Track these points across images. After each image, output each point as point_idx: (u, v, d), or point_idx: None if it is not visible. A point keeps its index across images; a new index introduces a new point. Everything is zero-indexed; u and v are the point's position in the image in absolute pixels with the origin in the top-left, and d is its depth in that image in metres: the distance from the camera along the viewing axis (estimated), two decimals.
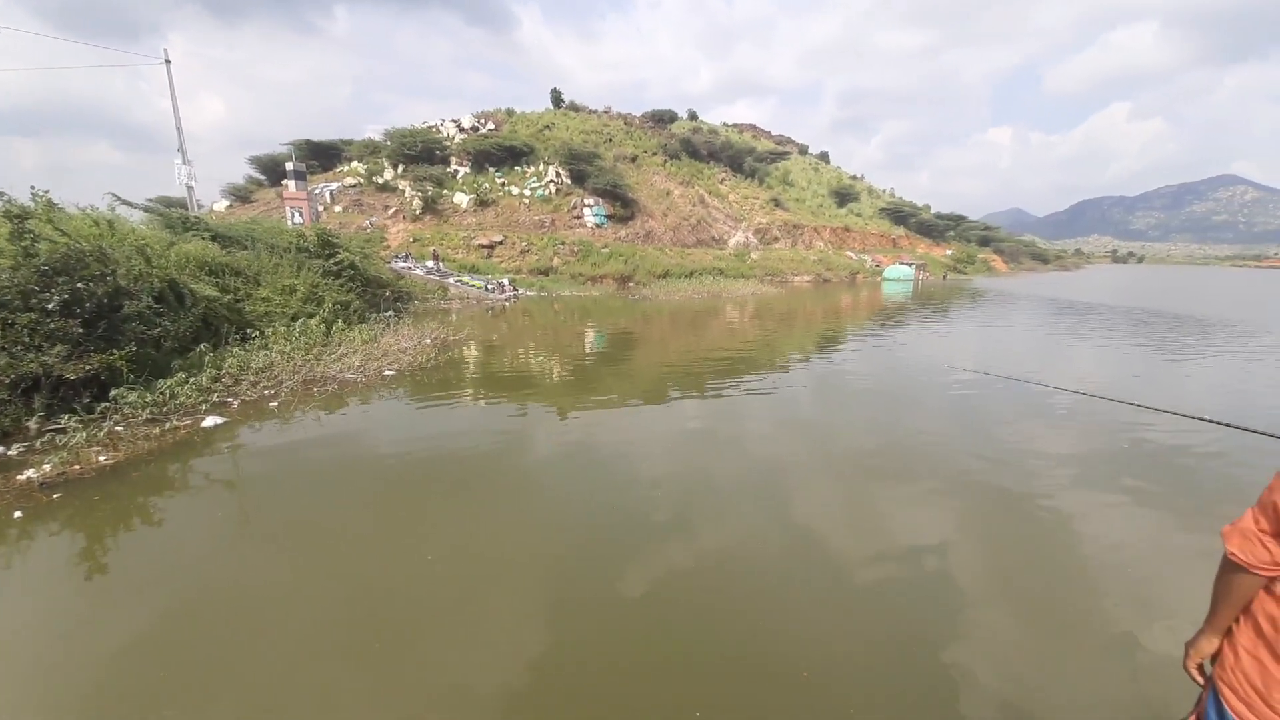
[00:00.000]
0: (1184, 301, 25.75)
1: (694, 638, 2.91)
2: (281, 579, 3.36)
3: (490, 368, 9.22)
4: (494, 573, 3.45)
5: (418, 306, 16.00)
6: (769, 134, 67.68)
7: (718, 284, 25.94)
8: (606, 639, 2.90)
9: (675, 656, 2.77)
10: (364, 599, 3.17)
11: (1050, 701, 2.52)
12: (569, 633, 2.92)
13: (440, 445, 5.55)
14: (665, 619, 3.04)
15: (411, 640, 2.84)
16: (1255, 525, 1.05)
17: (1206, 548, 3.78)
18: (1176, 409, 4.97)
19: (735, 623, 3.03)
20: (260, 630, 2.92)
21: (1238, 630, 1.13)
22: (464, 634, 2.91)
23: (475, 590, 3.27)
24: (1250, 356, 11.28)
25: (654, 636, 2.92)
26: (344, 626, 2.95)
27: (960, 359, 10.74)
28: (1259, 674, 1.06)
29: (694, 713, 2.44)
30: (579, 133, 37.29)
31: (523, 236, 25.42)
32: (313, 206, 22.33)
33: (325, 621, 2.99)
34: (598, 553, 3.68)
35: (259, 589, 3.26)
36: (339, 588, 3.28)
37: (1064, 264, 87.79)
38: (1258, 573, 1.05)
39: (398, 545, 3.74)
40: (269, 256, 11.28)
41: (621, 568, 3.50)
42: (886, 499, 4.55)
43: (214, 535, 3.86)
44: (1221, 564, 1.12)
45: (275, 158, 30.56)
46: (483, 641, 2.86)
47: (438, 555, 3.60)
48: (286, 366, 7.65)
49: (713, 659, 2.76)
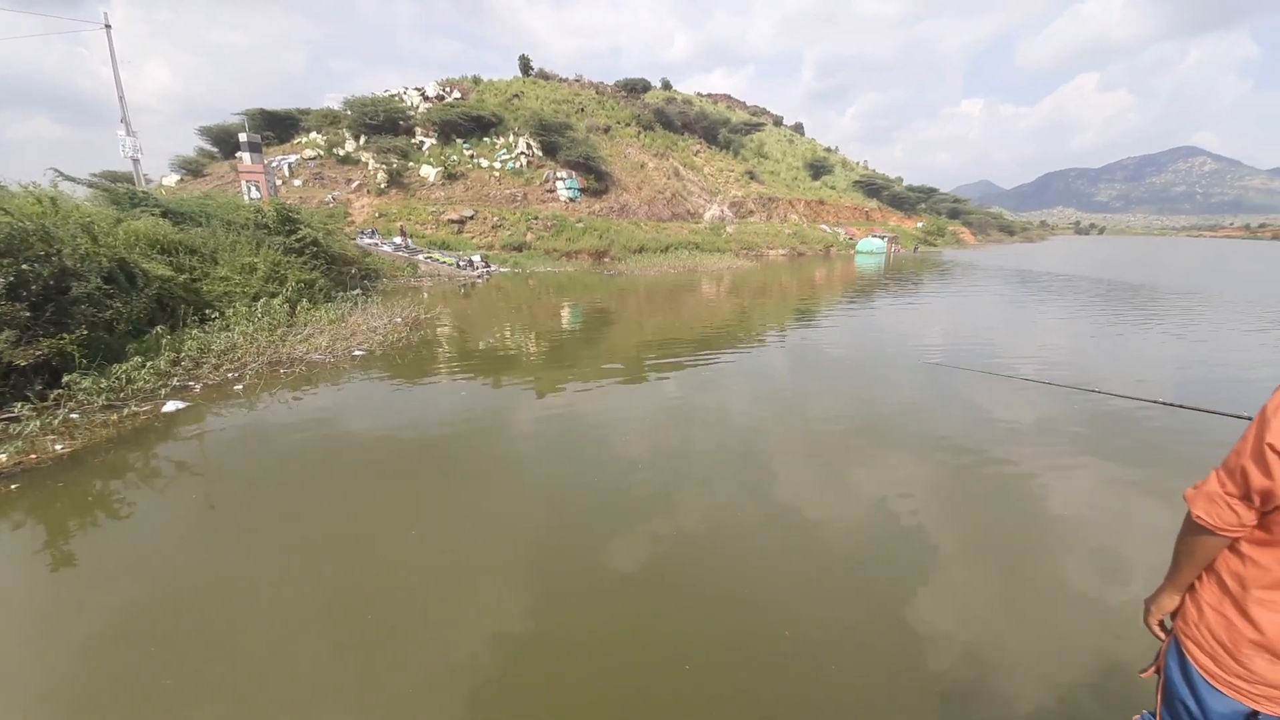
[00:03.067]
0: (1130, 271, 26.81)
1: (679, 604, 2.99)
2: (257, 567, 3.30)
3: (465, 346, 9.07)
4: (478, 552, 3.46)
5: (386, 284, 15.56)
6: (744, 104, 66.89)
7: (693, 258, 25.85)
8: (593, 609, 2.95)
9: (662, 622, 2.85)
10: (345, 584, 3.14)
11: (1015, 655, 2.66)
12: (556, 605, 2.96)
13: (416, 426, 5.46)
14: (650, 588, 3.10)
15: (397, 623, 2.84)
16: (1221, 489, 1.06)
17: (1163, 508, 4.01)
18: (1125, 391, 5.11)
19: (719, 589, 3.12)
20: (237, 620, 2.87)
21: (1201, 587, 1.15)
22: (450, 614, 2.91)
23: (460, 571, 3.27)
24: (1183, 330, 11.82)
25: (640, 605, 2.98)
26: (325, 613, 2.92)
27: (929, 338, 10.97)
28: (1225, 629, 1.09)
29: (683, 665, 2.58)
30: (549, 102, 36.20)
31: (494, 211, 24.79)
32: (270, 180, 21.30)
33: (305, 608, 2.96)
34: (582, 529, 3.71)
35: (234, 578, 3.20)
36: (318, 574, 3.24)
37: (1029, 236, 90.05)
38: (1223, 534, 1.07)
39: (377, 530, 3.70)
40: (226, 233, 10.76)
41: (606, 541, 3.54)
42: (861, 467, 4.68)
43: (183, 524, 3.76)
44: (1185, 525, 1.14)
45: (227, 128, 28.87)
46: (470, 620, 2.87)
47: (419, 538, 3.58)
48: (250, 348, 7.39)
49: (698, 624, 2.86)
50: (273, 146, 28.09)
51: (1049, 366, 7.99)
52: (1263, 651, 1.04)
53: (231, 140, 25.95)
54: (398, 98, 32.60)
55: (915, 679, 2.52)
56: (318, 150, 27.05)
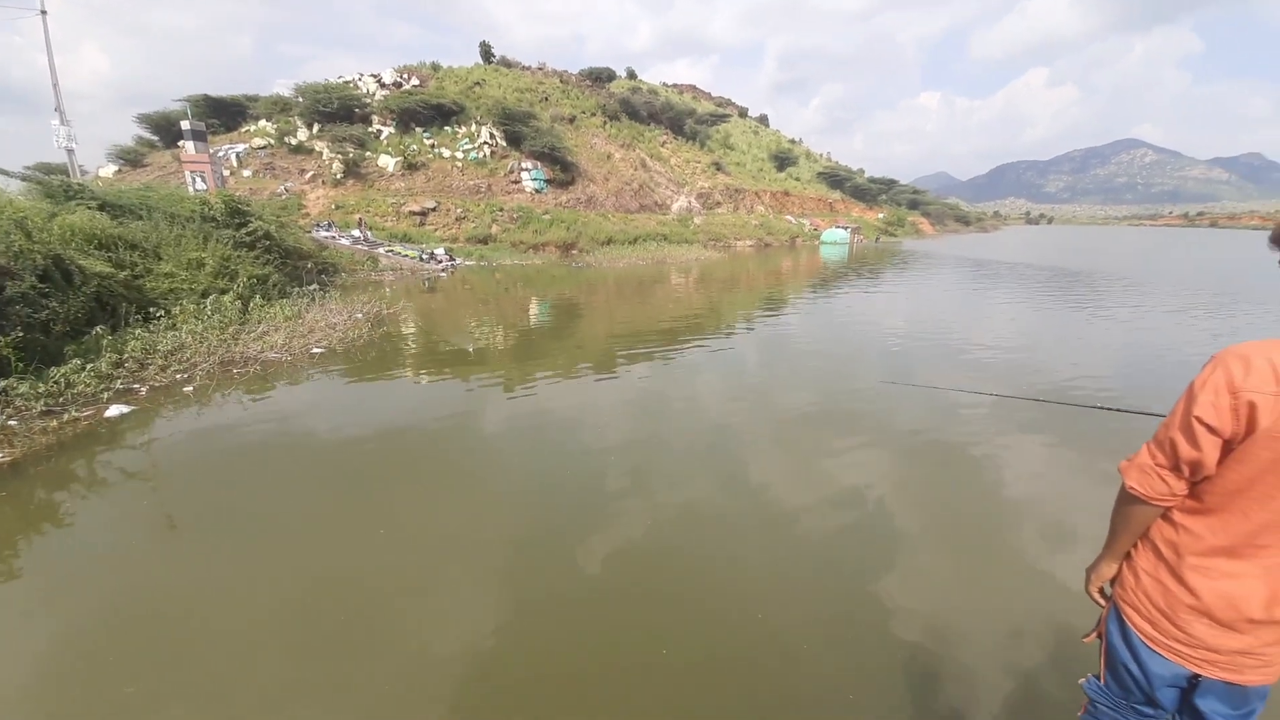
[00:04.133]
0: (1070, 259, 28.20)
1: (654, 592, 3.03)
2: (216, 574, 3.18)
3: (430, 342, 8.87)
4: (448, 550, 3.41)
5: (345, 279, 15.06)
6: (709, 95, 66.99)
7: (662, 250, 25.88)
8: (569, 602, 2.95)
9: (638, 610, 2.89)
10: (312, 586, 3.06)
11: (974, 626, 2.79)
12: (530, 598, 2.96)
13: (381, 425, 5.33)
14: (626, 579, 3.13)
15: (368, 624, 2.78)
16: (1152, 460, 1.11)
17: (1107, 482, 4.26)
18: (1061, 399, 5.37)
19: (693, 577, 3.18)
20: (200, 627, 2.76)
21: (1137, 555, 1.21)
22: (422, 613, 2.87)
23: (431, 569, 3.23)
24: (1111, 314, 12.52)
25: (616, 595, 3.01)
26: (292, 615, 2.84)
27: (892, 326, 11.28)
28: (1161, 594, 1.14)
29: (660, 650, 2.63)
30: (512, 91, 35.47)
31: (458, 202, 24.22)
32: (216, 170, 20.28)
33: (271, 611, 2.87)
34: (556, 522, 3.70)
35: (192, 585, 3.07)
36: (283, 578, 3.14)
37: (983, 226, 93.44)
38: (1155, 504, 1.12)
39: (343, 531, 3.60)
40: (169, 227, 10.21)
41: (580, 534, 3.54)
42: (829, 452, 4.80)
43: (135, 533, 3.58)
44: (1120, 496, 1.19)
45: (169, 116, 27.21)
46: (443, 617, 2.84)
47: (388, 537, 3.50)
48: (199, 347, 7.06)
49: (673, 610, 2.91)
50: (219, 135, 26.70)
51: (999, 354, 8.35)
52: (1200, 616, 1.09)
53: (173, 128, 24.50)
54: (353, 84, 31.42)
55: (883, 653, 2.62)
56: (268, 139, 25.86)
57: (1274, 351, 0.97)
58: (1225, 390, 0.99)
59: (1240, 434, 0.99)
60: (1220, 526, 1.06)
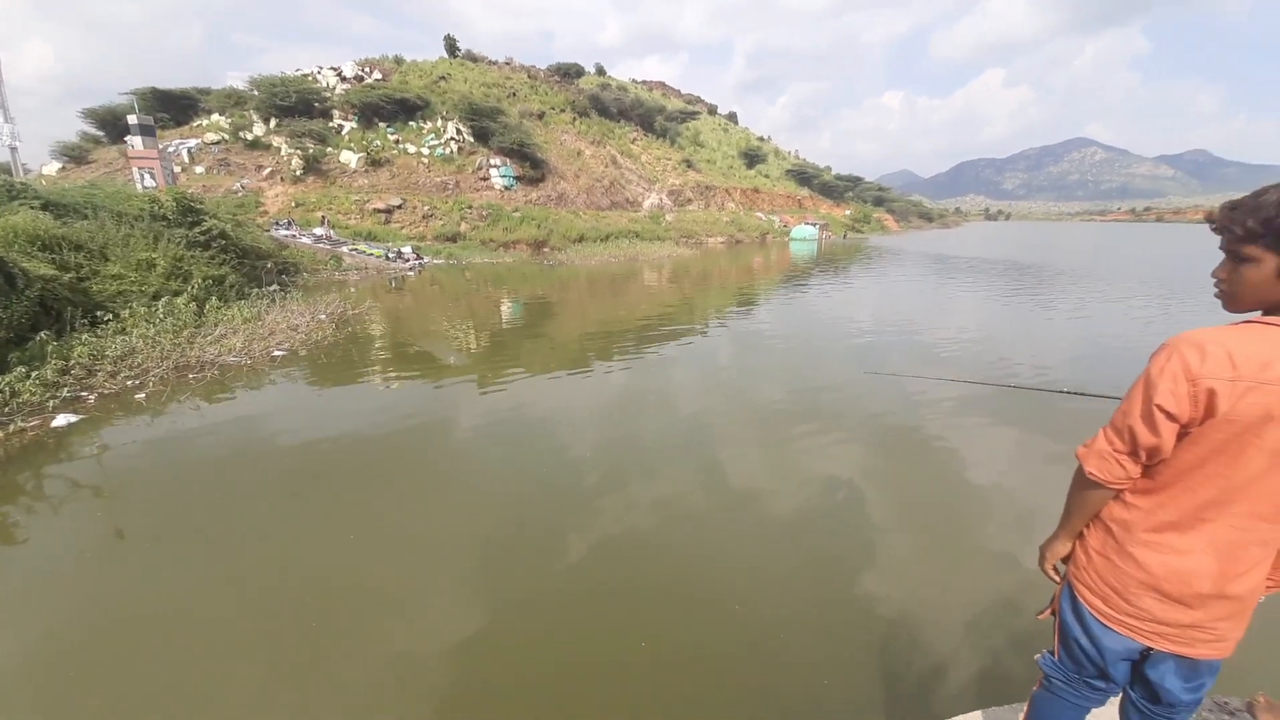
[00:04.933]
0: (1024, 253, 29.39)
1: (633, 587, 3.05)
2: (178, 587, 3.05)
3: (399, 343, 8.68)
4: (424, 553, 3.35)
5: (307, 279, 14.60)
6: (679, 92, 67.20)
7: (634, 247, 25.87)
8: (547, 600, 2.94)
9: (618, 604, 2.91)
10: (279, 596, 2.96)
11: (940, 607, 2.89)
12: (508, 595, 2.94)
13: (349, 428, 5.19)
14: (603, 576, 3.13)
15: (342, 630, 2.71)
16: (1111, 446, 1.14)
17: (1066, 468, 4.45)
18: (1028, 383, 5.58)
19: (670, 571, 3.21)
20: (165, 639, 2.66)
21: (1088, 534, 1.26)
22: (399, 616, 2.81)
23: (406, 572, 3.16)
24: (1054, 303, 13.10)
25: (594, 592, 3.01)
26: (260, 627, 2.75)
27: (860, 320, 11.51)
28: (1112, 573, 1.19)
29: (640, 643, 2.67)
30: (479, 85, 34.89)
31: (424, 200, 23.72)
32: (166, 167, 19.40)
33: (238, 624, 2.77)
34: (532, 521, 3.68)
35: (152, 600, 2.94)
36: (248, 588, 3.03)
37: (946, 222, 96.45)
38: (1112, 487, 1.17)
39: (311, 537, 3.50)
40: (116, 227, 9.71)
41: (557, 533, 3.52)
42: (801, 444, 4.89)
43: (88, 547, 3.41)
44: (1078, 481, 1.23)
45: (115, 110, 25.81)
46: (422, 620, 2.80)
47: (359, 542, 3.42)
48: (152, 352, 6.75)
49: (652, 604, 2.94)
50: (168, 130, 25.53)
51: (963, 344, 8.63)
52: (1150, 590, 1.13)
53: (120, 123, 23.26)
54: (311, 78, 30.44)
55: (855, 638, 2.69)
56: (221, 134, 24.84)
57: (1227, 338, 1.01)
58: (1184, 378, 1.01)
59: (1198, 419, 1.02)
60: (1169, 503, 1.11)
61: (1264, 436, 0.99)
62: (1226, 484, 1.04)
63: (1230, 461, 1.03)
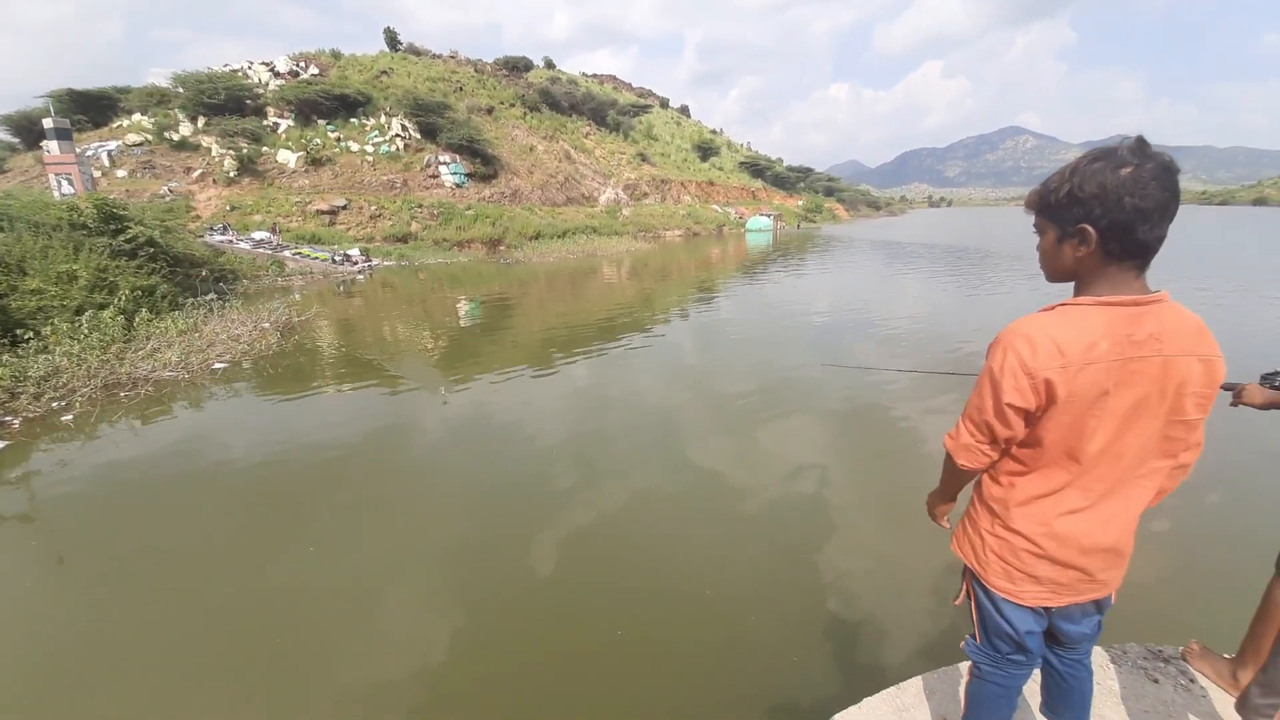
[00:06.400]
0: (968, 239, 30.87)
1: (605, 578, 3.08)
2: (124, 614, 2.85)
3: (351, 350, 8.35)
4: (390, 559, 3.25)
5: (248, 286, 13.87)
6: (630, 86, 66.95)
7: (592, 242, 25.70)
8: (520, 597, 2.93)
9: (591, 596, 2.94)
10: (238, 614, 2.81)
11: (892, 582, 3.01)
12: (481, 596, 2.89)
13: (302, 441, 4.97)
14: (576, 568, 3.13)
15: (307, 644, 2.60)
16: (974, 439, 1.21)
17: None
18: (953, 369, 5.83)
19: (642, 562, 3.24)
20: (119, 669, 2.50)
21: (977, 517, 1.32)
22: (368, 623, 2.72)
23: (371, 580, 3.06)
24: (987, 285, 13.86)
25: (568, 585, 3.02)
26: (219, 648, 2.60)
27: (817, 306, 11.79)
28: (1006, 549, 1.25)
29: (615, 631, 2.70)
30: (423, 80, 33.79)
31: (371, 200, 22.84)
32: (85, 172, 18.02)
33: (194, 647, 2.62)
34: (501, 521, 3.63)
35: (96, 629, 2.74)
36: (203, 610, 2.87)
37: (893, 210, 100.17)
38: (979, 471, 1.27)
39: (267, 552, 3.34)
40: (33, 238, 8.97)
41: (527, 531, 3.49)
42: (764, 432, 4.98)
43: (21, 577, 3.16)
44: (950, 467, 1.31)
45: (30, 115, 23.63)
46: (391, 625, 2.72)
47: (319, 554, 3.28)
48: (78, 371, 6.27)
49: (625, 594, 2.98)
50: (86, 132, 23.65)
51: (913, 329, 8.98)
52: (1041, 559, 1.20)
53: (35, 128, 21.33)
54: (242, 73, 28.82)
55: (821, 617, 2.77)
56: (144, 135, 23.20)
57: (1051, 326, 1.08)
58: (1022, 373, 1.07)
59: (1043, 405, 1.10)
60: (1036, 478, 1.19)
61: (1105, 407, 1.07)
62: (1083, 453, 1.12)
63: (1081, 433, 1.10)
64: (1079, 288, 1.13)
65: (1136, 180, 0.98)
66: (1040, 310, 1.14)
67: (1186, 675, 1.89)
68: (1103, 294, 1.07)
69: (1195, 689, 1.84)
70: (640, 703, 2.35)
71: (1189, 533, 3.39)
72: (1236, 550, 3.20)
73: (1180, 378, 1.06)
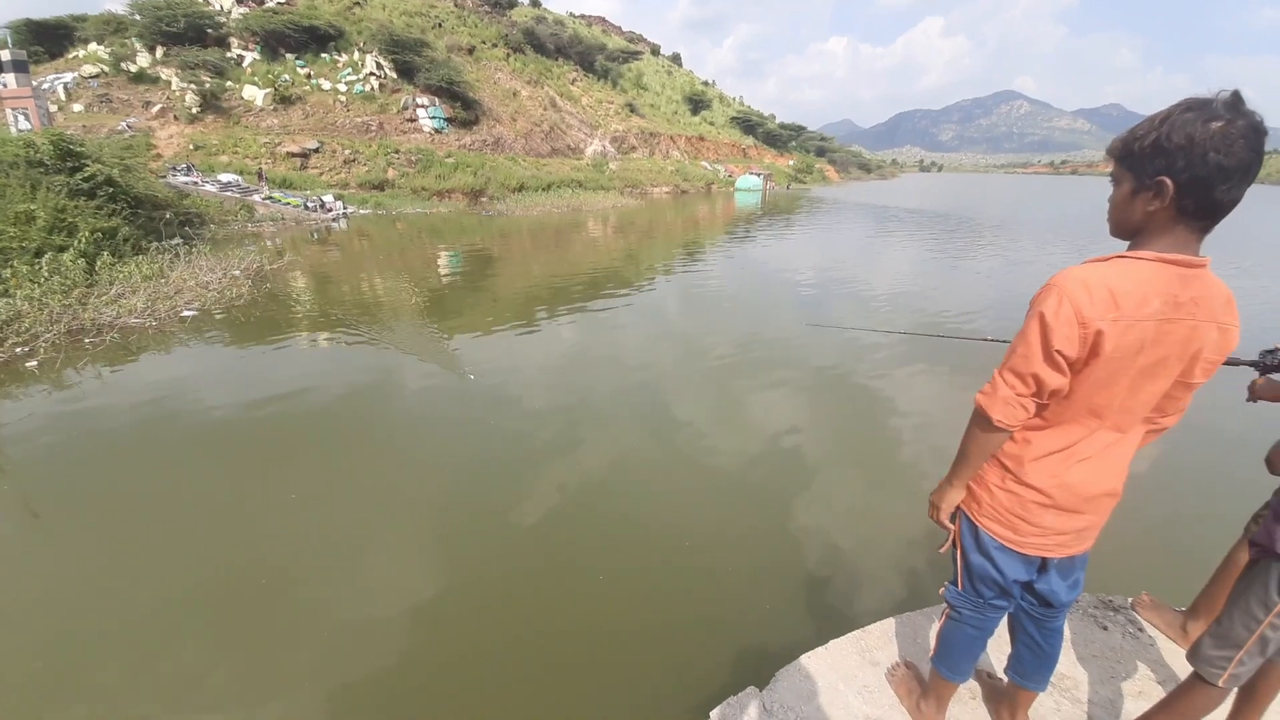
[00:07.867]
0: (957, 205, 30.82)
1: (590, 530, 3.16)
2: (100, 565, 2.83)
3: (327, 300, 8.12)
4: (374, 509, 3.27)
5: (215, 231, 13.30)
6: (620, 30, 63.92)
7: (577, 197, 25.03)
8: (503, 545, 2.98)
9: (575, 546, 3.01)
10: (217, 564, 2.81)
11: (866, 533, 3.13)
12: (467, 545, 2.95)
13: (280, 391, 4.87)
14: (561, 522, 3.18)
15: (288, 595, 2.62)
16: (1014, 392, 1.15)
17: None
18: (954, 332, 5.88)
19: (626, 514, 3.32)
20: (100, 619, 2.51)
21: (986, 472, 1.30)
22: (351, 574, 2.75)
23: (358, 531, 3.07)
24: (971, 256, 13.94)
25: (550, 536, 3.08)
26: (198, 599, 2.60)
27: (804, 272, 11.74)
28: (1016, 502, 1.26)
29: (598, 576, 2.81)
30: (399, 14, 31.73)
31: (345, 143, 21.78)
32: (41, 106, 16.81)
33: (178, 594, 2.62)
34: (487, 476, 3.65)
35: (73, 581, 2.72)
36: (186, 556, 2.87)
37: (883, 174, 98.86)
38: (1014, 429, 1.20)
39: (246, 500, 3.32)
40: None
41: (513, 488, 3.51)
42: (745, 393, 5.03)
43: None
44: (980, 426, 1.24)
45: None
46: (375, 576, 2.76)
47: (302, 504, 3.27)
48: (40, 315, 6.01)
49: (609, 545, 3.06)
50: (42, 64, 21.96)
51: (899, 293, 9.02)
52: (1049, 509, 1.22)
53: None
54: (203, 0, 26.71)
55: (796, 567, 2.87)
56: (101, 66, 21.60)
57: (1107, 275, 1.05)
58: (1075, 321, 1.04)
59: (1084, 358, 1.07)
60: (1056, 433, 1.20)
61: (1136, 363, 1.08)
62: (1104, 406, 1.14)
63: (1105, 388, 1.11)
64: (1139, 243, 1.09)
65: (1225, 136, 0.94)
66: (1089, 260, 1.11)
67: (1135, 624, 2.00)
68: (1165, 251, 1.04)
69: (1143, 637, 1.95)
70: (619, 638, 2.45)
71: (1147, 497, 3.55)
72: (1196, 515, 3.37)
73: (1200, 344, 1.08)
